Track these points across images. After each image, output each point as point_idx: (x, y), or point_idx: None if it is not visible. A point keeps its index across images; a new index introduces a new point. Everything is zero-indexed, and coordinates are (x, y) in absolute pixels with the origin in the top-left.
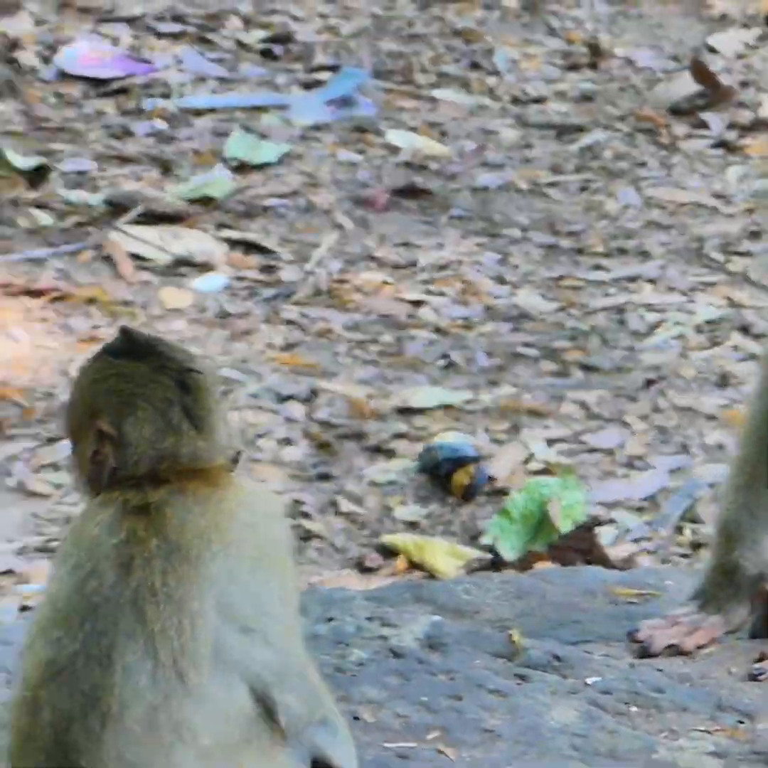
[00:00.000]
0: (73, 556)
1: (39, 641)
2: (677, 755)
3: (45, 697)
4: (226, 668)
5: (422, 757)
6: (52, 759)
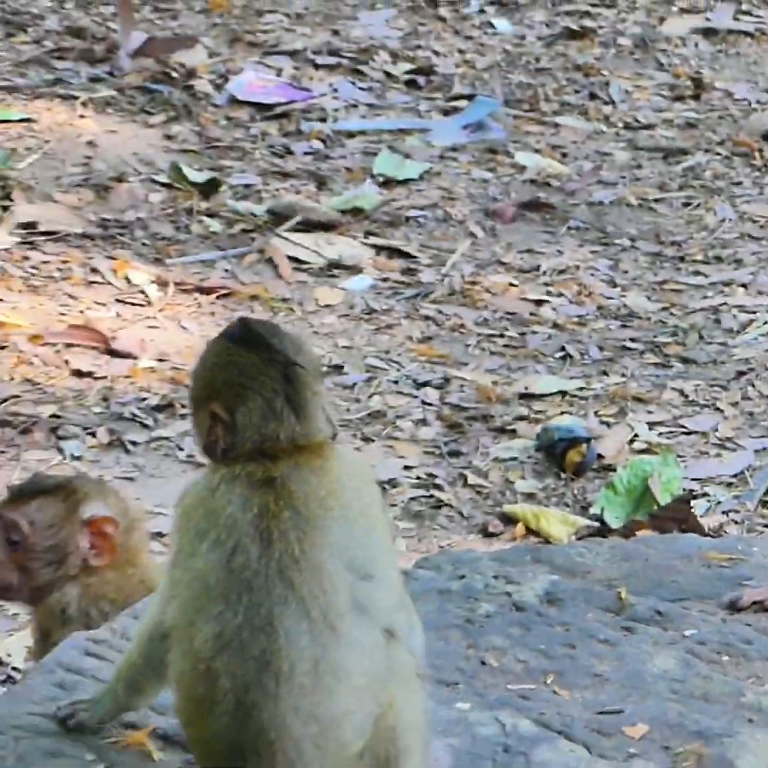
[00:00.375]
0: (211, 533)
1: (200, 618)
2: (762, 699)
3: (220, 667)
4: (362, 613)
5: (540, 697)
6: (235, 720)
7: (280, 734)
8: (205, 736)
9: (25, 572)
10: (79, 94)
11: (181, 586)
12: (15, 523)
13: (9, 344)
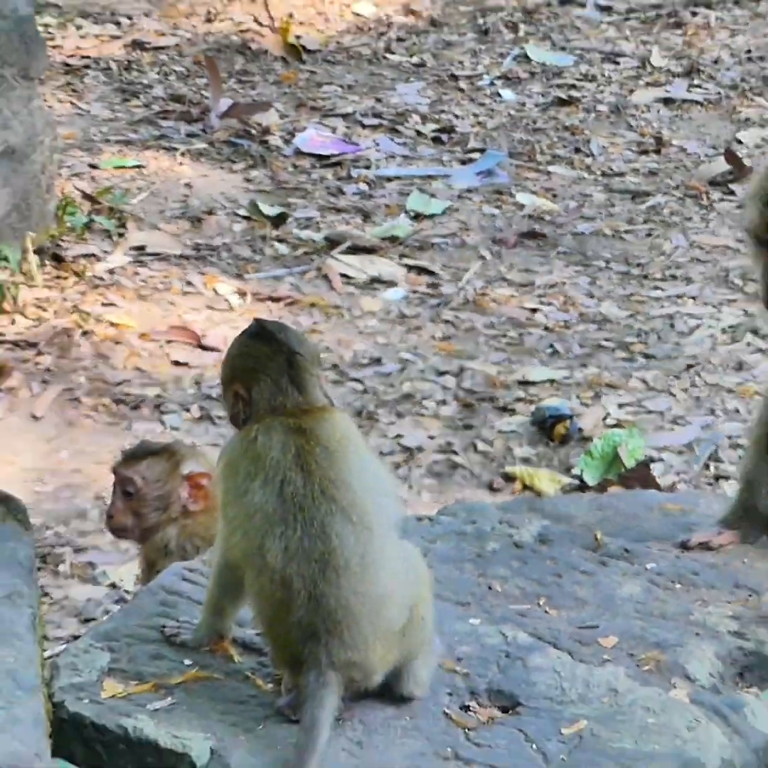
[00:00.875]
0: (260, 474)
1: (268, 539)
2: (707, 617)
3: (292, 572)
4: (384, 517)
5: (534, 615)
6: (309, 611)
7: (344, 614)
8: (285, 631)
9: (138, 517)
10: (179, 146)
11: (240, 520)
12: (130, 479)
13: (123, 341)
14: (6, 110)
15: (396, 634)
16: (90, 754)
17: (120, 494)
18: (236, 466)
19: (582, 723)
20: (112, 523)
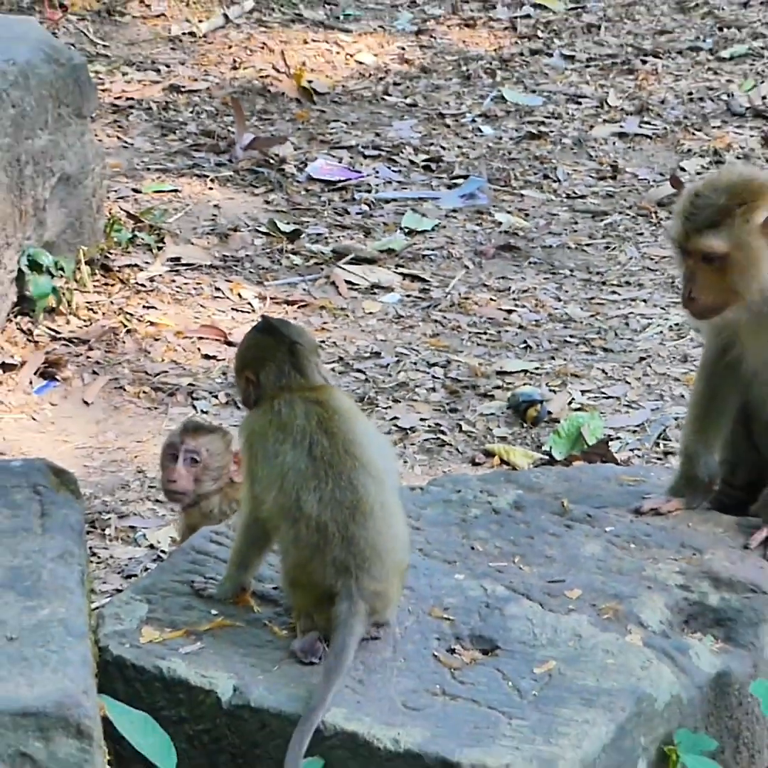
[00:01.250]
0: (288, 438)
1: (303, 493)
2: (657, 572)
3: (326, 518)
4: (391, 473)
5: (510, 571)
6: (343, 550)
7: (372, 552)
8: (321, 571)
9: (197, 483)
10: (209, 174)
11: (274, 478)
12: (198, 449)
13: (161, 338)
14: (63, 143)
15: (403, 571)
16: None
17: (185, 462)
18: (264, 434)
19: (551, 663)
20: (174, 487)
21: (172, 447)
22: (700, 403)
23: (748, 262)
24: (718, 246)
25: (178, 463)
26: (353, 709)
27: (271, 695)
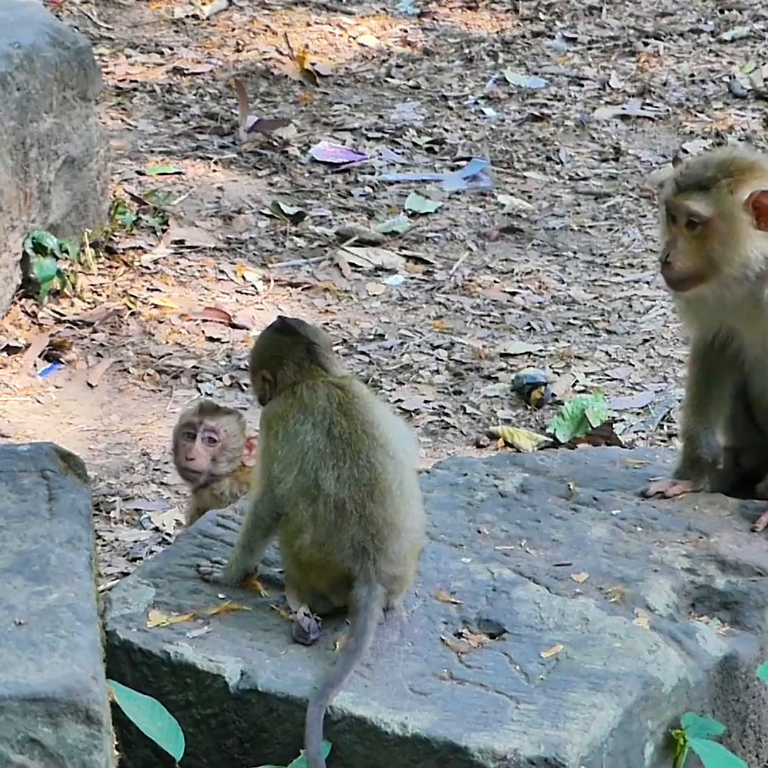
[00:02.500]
0: (308, 419)
1: (322, 471)
2: (663, 556)
3: (344, 496)
4: (408, 455)
5: (517, 554)
6: (360, 528)
7: (389, 531)
8: (338, 550)
9: (213, 463)
10: (213, 156)
11: (294, 457)
12: (217, 429)
13: (165, 320)
14: (68, 126)
15: (418, 554)
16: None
17: (203, 441)
18: (285, 416)
19: (558, 647)
20: (192, 465)
21: (189, 426)
22: (697, 385)
23: (729, 233)
24: (701, 209)
25: (196, 442)
26: (361, 693)
27: (279, 679)
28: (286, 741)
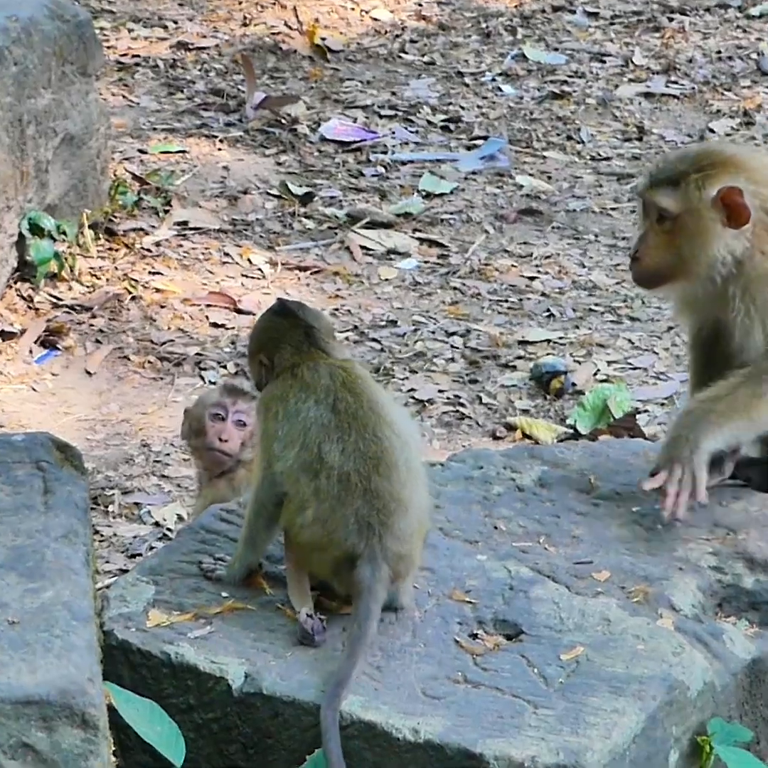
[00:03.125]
0: (311, 396)
1: (325, 445)
2: (689, 553)
3: (350, 469)
4: (414, 436)
5: (535, 551)
6: (366, 502)
7: (396, 506)
8: (342, 526)
9: (242, 448)
10: (218, 134)
11: (296, 434)
12: (248, 412)
13: (167, 305)
14: (66, 102)
15: (425, 536)
16: (136, 678)
17: (234, 423)
18: (284, 397)
19: (579, 649)
20: (225, 447)
21: (220, 406)
22: (696, 374)
23: (697, 231)
24: (670, 204)
25: (227, 423)
26: (370, 697)
27: (285, 682)
28: (292, 747)
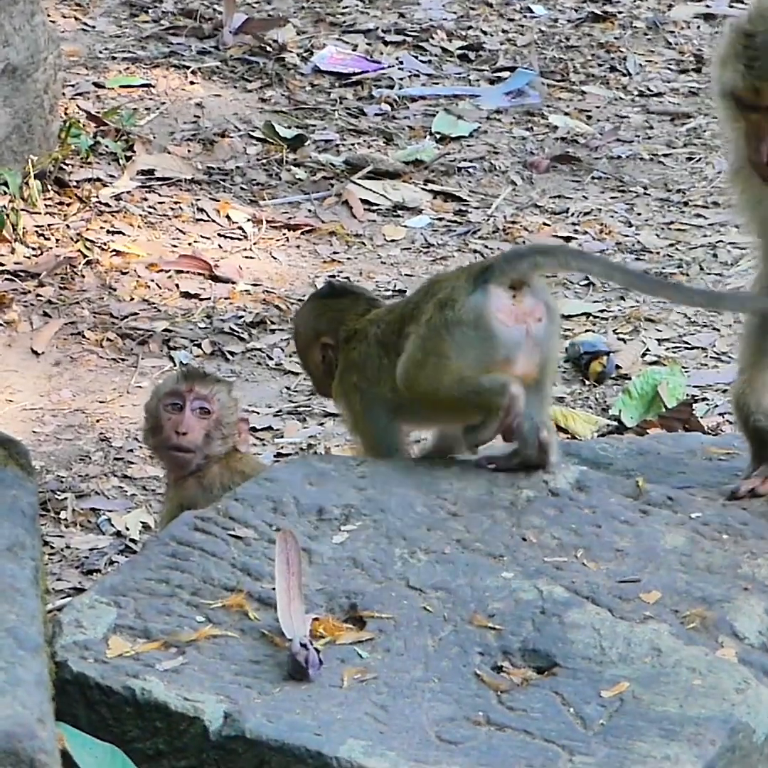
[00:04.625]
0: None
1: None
2: (756, 570)
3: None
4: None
5: (571, 568)
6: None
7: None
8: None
9: (206, 441)
10: (190, 64)
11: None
12: (210, 398)
13: (130, 270)
14: (7, 26)
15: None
16: (95, 718)
17: (194, 412)
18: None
19: (623, 685)
20: (183, 441)
21: (175, 395)
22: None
23: None
24: None
25: (185, 413)
26: (374, 741)
27: (272, 724)
28: None
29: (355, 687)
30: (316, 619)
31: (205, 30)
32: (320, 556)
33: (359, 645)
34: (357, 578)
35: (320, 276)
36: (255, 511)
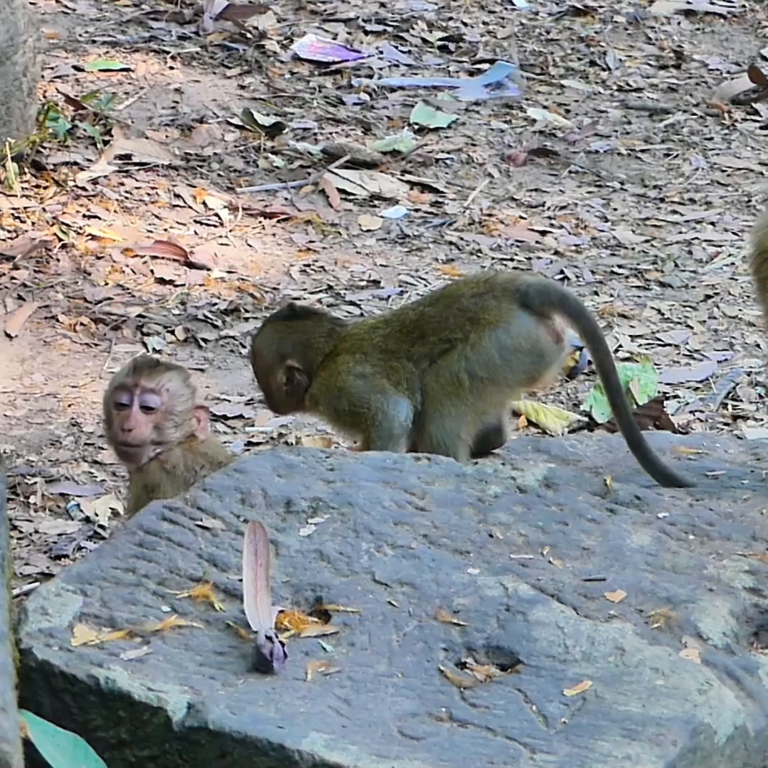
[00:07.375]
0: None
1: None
2: (721, 572)
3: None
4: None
5: (537, 566)
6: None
7: None
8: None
9: (157, 432)
10: (170, 49)
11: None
12: (157, 390)
13: (105, 255)
14: None
15: None
16: (59, 706)
17: (141, 407)
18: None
19: (586, 683)
20: (129, 437)
21: (122, 389)
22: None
23: None
24: None
25: (132, 408)
26: (336, 735)
27: (235, 715)
28: None
29: (318, 680)
30: (281, 612)
31: (186, 15)
32: (287, 549)
33: (324, 638)
34: (323, 571)
35: (295, 264)
36: (223, 502)
